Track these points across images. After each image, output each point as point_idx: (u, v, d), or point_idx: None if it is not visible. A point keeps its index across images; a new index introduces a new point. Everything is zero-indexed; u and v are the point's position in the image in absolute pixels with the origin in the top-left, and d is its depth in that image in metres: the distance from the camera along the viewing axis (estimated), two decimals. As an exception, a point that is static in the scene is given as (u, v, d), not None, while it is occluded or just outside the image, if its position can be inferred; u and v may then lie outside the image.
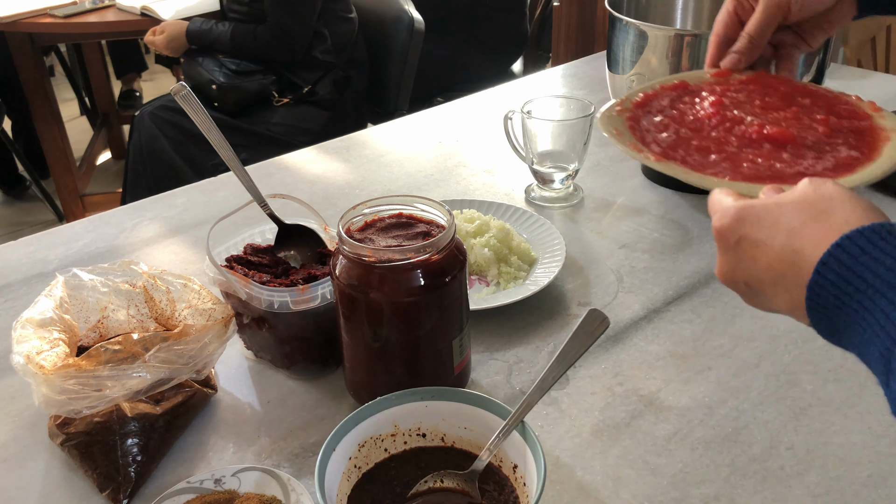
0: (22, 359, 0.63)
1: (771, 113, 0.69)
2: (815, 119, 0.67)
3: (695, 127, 0.69)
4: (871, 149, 0.63)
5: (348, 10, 2.31)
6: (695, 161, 0.64)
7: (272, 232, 0.81)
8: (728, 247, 0.50)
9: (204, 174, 1.38)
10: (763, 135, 0.65)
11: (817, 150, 0.63)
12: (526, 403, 0.59)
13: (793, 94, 0.71)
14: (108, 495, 0.65)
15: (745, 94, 0.72)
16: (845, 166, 0.61)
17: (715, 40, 0.76)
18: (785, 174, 0.60)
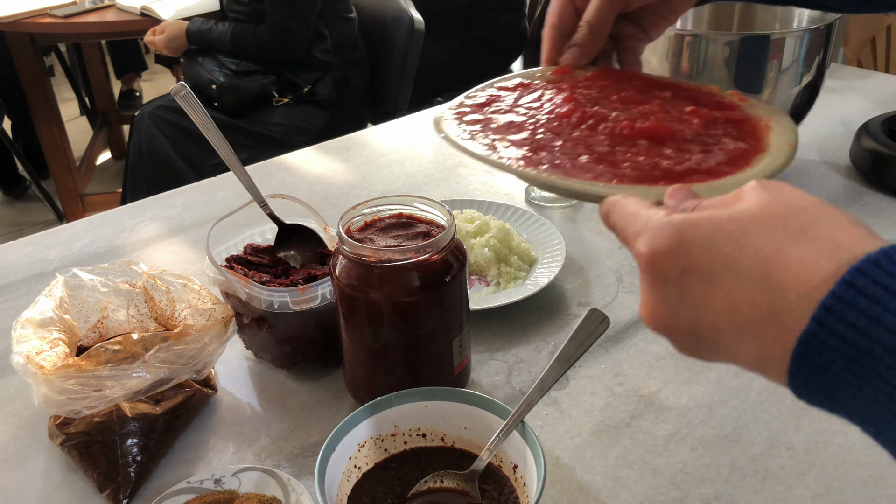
0: (22, 359, 0.63)
1: (633, 107, 0.60)
2: (684, 111, 0.59)
3: (554, 128, 0.58)
4: (756, 139, 0.55)
5: (348, 10, 2.31)
6: (565, 165, 0.52)
7: (272, 232, 0.81)
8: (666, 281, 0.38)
9: (204, 174, 1.38)
10: (636, 130, 0.56)
11: (701, 143, 0.54)
12: (526, 403, 0.59)
13: (650, 86, 0.64)
14: (107, 495, 0.65)
15: (598, 89, 0.63)
16: (740, 158, 0.52)
17: (551, 32, 0.67)
18: (676, 172, 0.51)
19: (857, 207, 1.04)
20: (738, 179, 0.49)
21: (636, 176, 0.50)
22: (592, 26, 0.64)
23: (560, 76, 0.65)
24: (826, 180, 1.11)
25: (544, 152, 0.54)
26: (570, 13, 0.66)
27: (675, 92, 0.63)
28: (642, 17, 0.67)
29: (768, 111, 0.59)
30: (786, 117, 0.58)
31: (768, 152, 0.53)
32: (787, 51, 0.94)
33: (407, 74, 2.35)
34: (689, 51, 0.96)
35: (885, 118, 1.13)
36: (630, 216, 0.41)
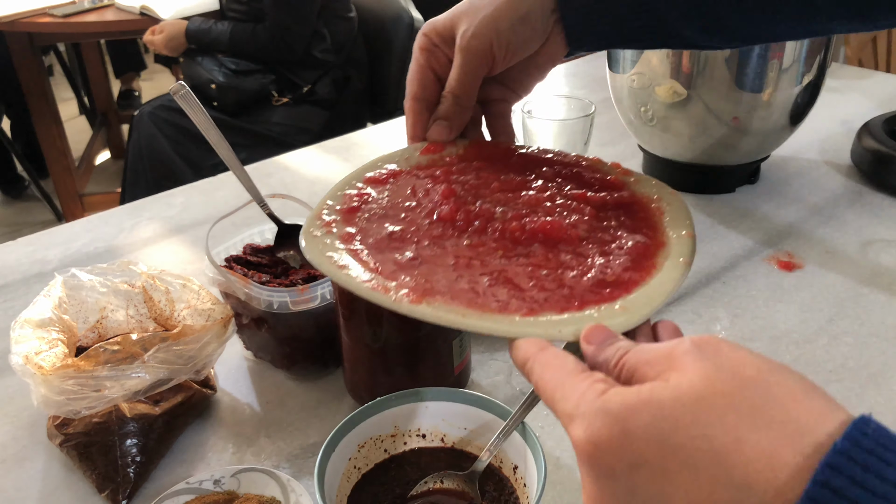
0: (21, 359, 0.63)
1: (517, 196, 0.55)
2: (573, 196, 0.54)
3: (438, 235, 0.51)
4: (652, 227, 0.51)
5: (348, 10, 2.31)
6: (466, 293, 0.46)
7: (271, 232, 0.81)
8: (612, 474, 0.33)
9: (203, 174, 1.37)
10: (528, 232, 0.50)
11: (597, 241, 0.50)
12: (526, 404, 0.59)
13: (528, 163, 0.59)
14: (107, 496, 0.65)
15: (475, 174, 0.57)
16: (642, 258, 0.48)
17: (413, 106, 0.61)
18: (584, 287, 0.46)
19: (857, 207, 1.04)
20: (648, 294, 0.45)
21: (545, 299, 0.45)
22: (457, 96, 0.59)
23: (430, 156, 0.60)
24: (827, 180, 1.11)
25: (439, 276, 0.48)
26: (432, 82, 0.60)
27: (554, 168, 0.58)
28: (509, 78, 0.62)
29: (654, 188, 0.56)
30: (675, 195, 0.55)
31: (668, 245, 0.49)
32: (787, 50, 0.94)
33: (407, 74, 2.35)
34: (689, 50, 0.95)
35: (886, 118, 1.13)
36: (556, 385, 0.36)
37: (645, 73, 1.00)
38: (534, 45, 0.58)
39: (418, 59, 0.60)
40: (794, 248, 0.96)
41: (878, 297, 0.86)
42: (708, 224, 1.02)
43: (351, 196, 0.55)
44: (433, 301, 0.46)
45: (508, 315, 0.44)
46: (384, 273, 0.48)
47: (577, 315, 0.43)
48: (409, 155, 0.60)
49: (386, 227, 0.52)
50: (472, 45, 0.56)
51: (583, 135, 1.04)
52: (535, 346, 0.40)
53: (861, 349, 0.78)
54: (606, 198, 0.54)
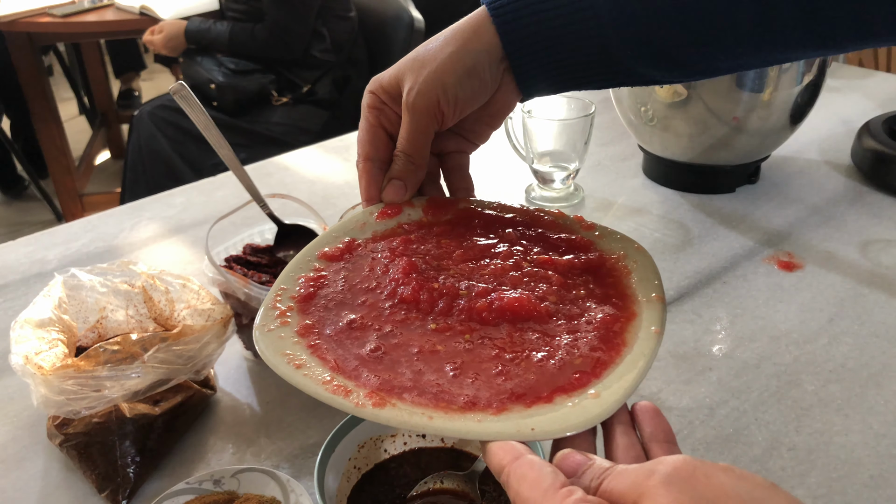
0: (20, 359, 0.63)
1: (482, 268, 0.52)
2: (538, 262, 0.52)
3: (401, 320, 0.48)
4: (621, 294, 0.50)
5: (347, 9, 2.30)
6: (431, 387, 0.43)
7: (271, 232, 0.81)
8: None
9: (203, 174, 1.38)
10: (495, 311, 0.48)
11: (566, 315, 0.48)
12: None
13: (489, 225, 0.57)
14: (106, 496, 0.65)
15: (435, 241, 0.55)
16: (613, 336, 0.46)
17: (366, 167, 0.58)
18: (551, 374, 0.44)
19: (858, 207, 1.04)
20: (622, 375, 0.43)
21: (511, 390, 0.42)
22: (409, 155, 0.57)
23: (386, 220, 0.57)
24: (827, 180, 1.11)
25: (403, 369, 0.44)
26: (384, 141, 0.58)
27: (517, 230, 0.56)
28: (464, 129, 0.60)
29: (619, 243, 0.55)
30: (641, 251, 0.54)
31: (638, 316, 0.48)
32: (787, 50, 0.94)
33: (406, 74, 2.35)
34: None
35: (887, 118, 1.13)
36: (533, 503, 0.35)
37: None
38: (483, 96, 0.56)
39: (367, 118, 0.58)
40: (794, 248, 0.96)
41: (878, 297, 0.86)
42: (708, 224, 1.02)
43: (307, 279, 0.52)
44: (398, 402, 0.42)
45: (477, 413, 0.42)
46: (345, 371, 0.45)
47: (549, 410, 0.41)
48: (366, 221, 0.57)
49: (345, 314, 0.49)
50: (418, 104, 0.54)
51: (583, 135, 1.04)
52: (509, 455, 0.38)
53: (861, 349, 0.78)
54: (574, 261, 0.53)
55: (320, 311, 0.49)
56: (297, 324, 0.48)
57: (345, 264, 0.53)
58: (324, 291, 0.51)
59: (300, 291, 0.50)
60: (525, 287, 0.50)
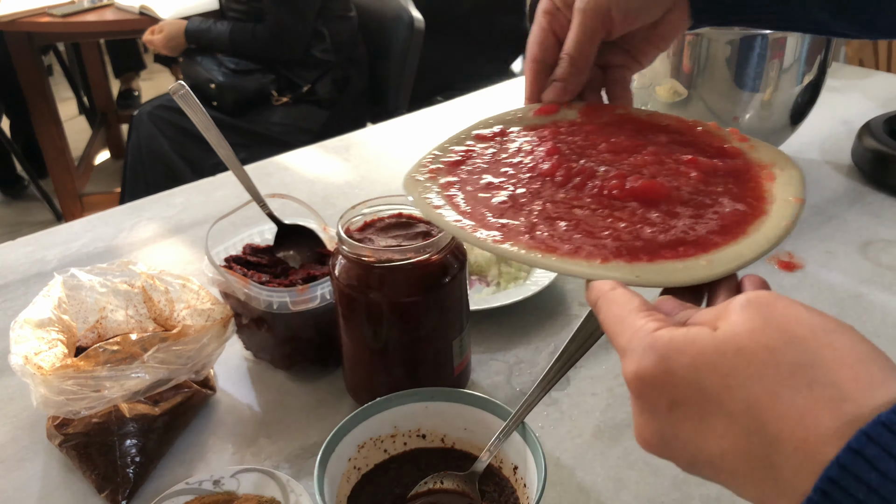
0: (20, 359, 0.63)
1: (625, 158, 0.54)
2: (682, 161, 0.53)
3: (535, 188, 0.52)
4: (758, 197, 0.50)
5: (348, 9, 2.30)
6: (545, 234, 0.47)
7: (271, 232, 0.81)
8: (654, 410, 0.35)
9: (203, 174, 1.37)
10: (627, 191, 0.50)
11: (695, 205, 0.49)
12: (526, 404, 0.59)
13: (642, 130, 0.58)
14: (106, 496, 0.65)
15: (583, 135, 0.57)
16: (733, 226, 0.47)
17: (532, 67, 0.61)
18: (658, 243, 0.46)
19: (858, 207, 1.04)
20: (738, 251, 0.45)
21: (616, 248, 0.45)
22: (573, 58, 0.58)
23: (542, 117, 0.60)
24: (828, 180, 1.11)
25: (522, 217, 0.49)
26: (552, 44, 0.60)
27: (670, 136, 0.57)
28: (631, 45, 0.62)
29: (771, 154, 0.54)
30: (790, 162, 0.53)
31: (768, 215, 0.48)
32: (788, 50, 0.94)
33: (407, 74, 2.35)
34: (689, 50, 0.95)
35: (887, 117, 1.13)
36: (618, 320, 0.38)
37: (645, 72, 1.00)
38: (656, 12, 0.58)
39: (540, 22, 0.60)
40: (794, 248, 0.96)
41: (878, 297, 0.86)
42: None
43: (457, 150, 0.58)
44: (515, 243, 0.47)
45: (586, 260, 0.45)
46: (474, 216, 0.50)
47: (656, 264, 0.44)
48: (523, 115, 0.61)
49: (485, 178, 0.54)
50: (589, 7, 0.56)
51: (583, 134, 1.04)
52: (607, 286, 0.40)
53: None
54: (717, 163, 0.53)
55: (464, 174, 0.55)
56: (442, 179, 0.55)
57: (494, 144, 0.58)
58: (471, 161, 0.56)
59: (451, 158, 0.57)
60: (662, 178, 0.51)
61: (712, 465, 0.33)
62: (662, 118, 0.60)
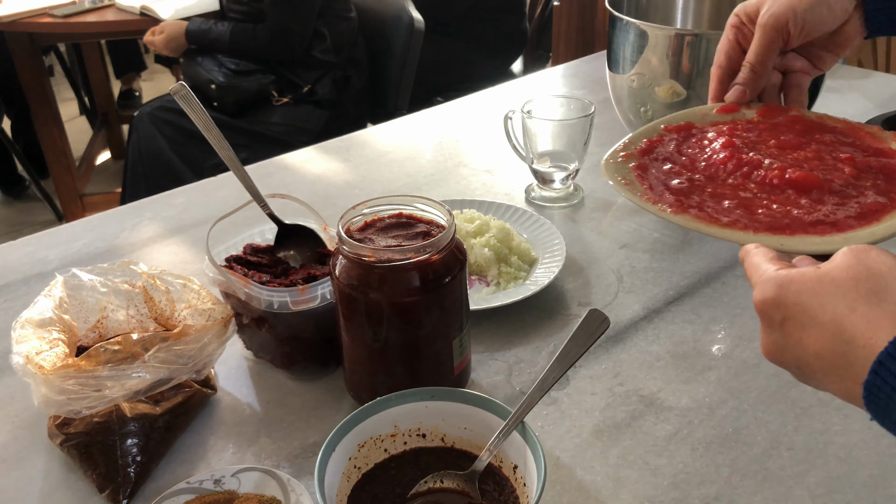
0: (21, 359, 0.63)
1: (790, 153, 0.64)
2: (840, 158, 0.62)
3: (709, 174, 0.64)
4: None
5: (348, 10, 2.31)
6: (710, 209, 0.59)
7: (272, 232, 0.81)
8: (772, 325, 0.46)
9: (203, 174, 1.38)
10: (786, 180, 0.60)
11: (842, 195, 0.58)
12: (526, 404, 0.59)
13: (810, 129, 0.67)
14: (107, 496, 0.65)
15: (757, 133, 0.67)
16: (870, 214, 0.56)
17: (717, 72, 0.72)
18: (802, 222, 0.56)
19: (857, 207, 1.04)
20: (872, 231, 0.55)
21: (768, 223, 0.57)
22: (753, 66, 0.69)
23: (724, 115, 0.70)
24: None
25: (695, 196, 0.61)
26: (737, 52, 0.71)
27: (835, 135, 0.66)
28: (809, 53, 0.71)
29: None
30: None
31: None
32: (787, 50, 0.94)
33: (407, 74, 2.35)
34: (689, 51, 0.96)
35: (886, 118, 1.13)
36: (754, 266, 0.50)
37: (645, 73, 1.00)
38: (831, 24, 0.67)
39: (727, 34, 0.71)
40: (793, 248, 0.96)
41: (878, 297, 0.86)
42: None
43: (649, 140, 0.69)
44: (686, 215, 0.59)
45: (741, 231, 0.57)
46: (655, 191, 0.62)
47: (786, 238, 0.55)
48: (706, 112, 0.71)
49: (668, 163, 0.66)
50: (769, 22, 0.66)
51: (582, 135, 1.04)
52: (752, 246, 0.52)
53: None
54: (871, 161, 0.62)
55: (650, 160, 0.67)
56: (632, 162, 0.67)
57: (679, 135, 0.69)
58: (659, 148, 0.68)
59: (643, 144, 0.69)
60: (818, 171, 0.61)
61: (810, 365, 0.44)
62: (831, 120, 0.69)
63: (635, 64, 1.01)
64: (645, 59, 1.00)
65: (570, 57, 2.26)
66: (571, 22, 2.61)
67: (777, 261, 0.48)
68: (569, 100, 1.09)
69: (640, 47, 1.00)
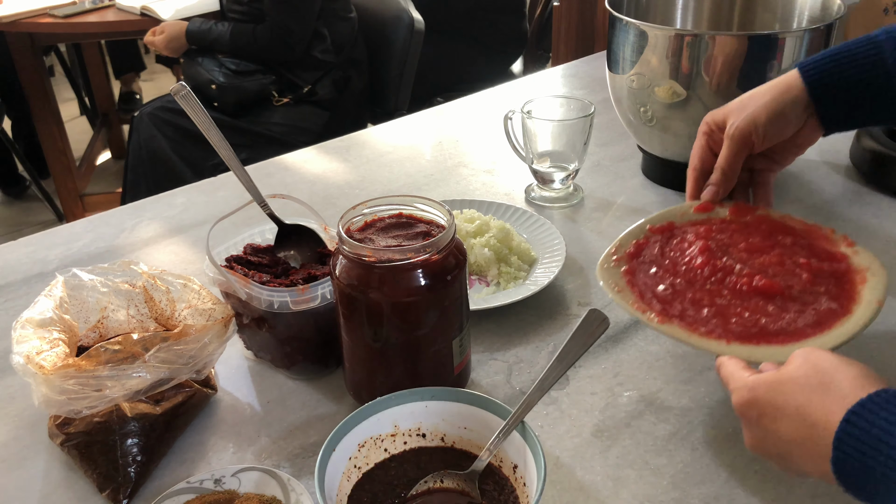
0: (22, 359, 0.63)
1: (757, 257, 0.72)
2: (799, 263, 0.71)
3: (689, 278, 0.71)
4: (849, 298, 0.67)
5: (348, 10, 2.31)
6: (691, 318, 0.67)
7: (272, 232, 0.81)
8: (751, 422, 0.55)
9: (204, 174, 1.38)
10: (753, 287, 0.69)
11: (801, 301, 0.68)
12: (526, 403, 0.59)
13: (773, 231, 0.76)
14: (107, 495, 0.65)
15: (729, 234, 0.76)
16: (825, 321, 0.65)
17: (693, 174, 0.81)
18: (769, 331, 0.65)
19: (857, 207, 1.04)
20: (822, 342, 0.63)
21: (739, 332, 0.65)
22: (724, 170, 0.77)
23: (700, 214, 0.78)
24: (826, 181, 1.11)
25: (677, 303, 0.69)
26: (709, 156, 0.80)
27: (794, 237, 0.75)
28: (773, 153, 0.79)
29: (868, 259, 0.71)
30: (882, 268, 0.70)
31: (853, 314, 0.65)
32: (787, 51, 0.94)
33: (407, 74, 2.35)
34: (688, 51, 0.96)
35: (885, 118, 1.13)
36: (729, 374, 0.59)
37: (644, 73, 1.01)
38: (789, 132, 0.76)
39: (699, 140, 0.80)
40: (793, 248, 0.96)
41: (878, 297, 0.86)
42: (707, 224, 1.02)
43: (637, 242, 0.77)
44: (671, 324, 0.67)
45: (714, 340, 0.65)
46: (644, 299, 0.70)
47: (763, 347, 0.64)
48: (685, 211, 0.79)
49: (653, 267, 0.74)
50: (735, 134, 0.76)
51: (582, 135, 1.04)
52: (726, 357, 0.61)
53: (860, 349, 0.78)
54: (824, 267, 0.71)
55: (638, 263, 0.74)
56: (622, 267, 0.74)
57: (663, 237, 0.77)
58: (645, 251, 0.76)
59: (632, 247, 0.76)
60: (780, 277, 0.70)
61: (788, 451, 0.53)
62: (791, 221, 0.77)
63: (635, 64, 1.01)
64: (645, 59, 1.00)
65: (570, 57, 2.26)
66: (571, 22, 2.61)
67: (747, 368, 0.58)
68: (569, 100, 1.09)
69: (639, 47, 1.00)
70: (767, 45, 0.94)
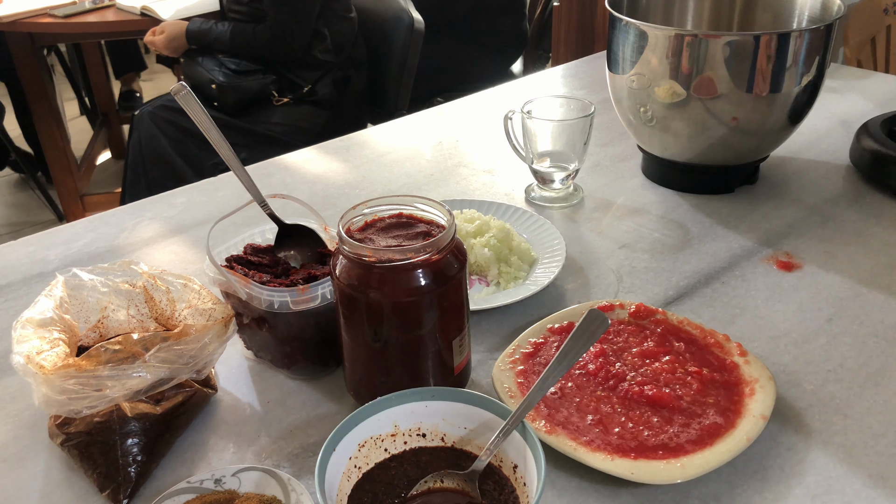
0: (22, 359, 0.63)
1: (650, 364, 0.72)
2: (690, 372, 0.71)
3: (580, 383, 0.71)
4: (735, 412, 0.67)
5: (348, 10, 2.31)
6: (574, 426, 0.66)
7: (272, 232, 0.81)
8: None
9: (204, 174, 1.38)
10: (644, 396, 0.68)
11: (688, 413, 0.67)
12: (526, 403, 0.59)
13: (669, 335, 0.76)
14: (108, 495, 0.65)
15: (625, 337, 0.76)
16: (707, 437, 0.65)
17: None
18: (648, 445, 0.64)
19: (857, 208, 1.04)
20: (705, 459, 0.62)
21: (618, 445, 0.64)
22: None
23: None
24: (826, 180, 1.12)
25: (563, 409, 0.68)
26: None
27: (687, 344, 0.75)
28: None
29: (759, 370, 0.71)
30: (771, 381, 0.69)
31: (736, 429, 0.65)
32: (786, 51, 0.94)
33: (407, 74, 2.35)
34: (688, 51, 0.96)
35: (885, 118, 1.13)
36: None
37: (644, 73, 1.01)
38: None
39: None
40: (793, 248, 0.96)
41: (878, 297, 0.86)
42: (707, 224, 1.02)
43: (534, 342, 0.76)
44: (556, 434, 0.65)
45: (596, 452, 0.64)
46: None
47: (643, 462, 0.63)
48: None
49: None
50: None
51: (582, 135, 1.04)
52: None
53: (860, 349, 0.78)
54: (715, 377, 0.71)
55: (534, 364, 0.74)
56: (517, 368, 0.73)
57: (562, 337, 0.76)
58: (541, 352, 0.75)
59: (529, 349, 0.75)
60: (671, 387, 0.70)
61: None
62: (689, 325, 0.78)
63: (635, 64, 1.01)
64: (645, 59, 1.00)
65: (570, 57, 2.26)
66: (571, 22, 2.61)
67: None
68: (569, 100, 1.09)
69: (639, 48, 1.00)
70: (767, 45, 0.94)
